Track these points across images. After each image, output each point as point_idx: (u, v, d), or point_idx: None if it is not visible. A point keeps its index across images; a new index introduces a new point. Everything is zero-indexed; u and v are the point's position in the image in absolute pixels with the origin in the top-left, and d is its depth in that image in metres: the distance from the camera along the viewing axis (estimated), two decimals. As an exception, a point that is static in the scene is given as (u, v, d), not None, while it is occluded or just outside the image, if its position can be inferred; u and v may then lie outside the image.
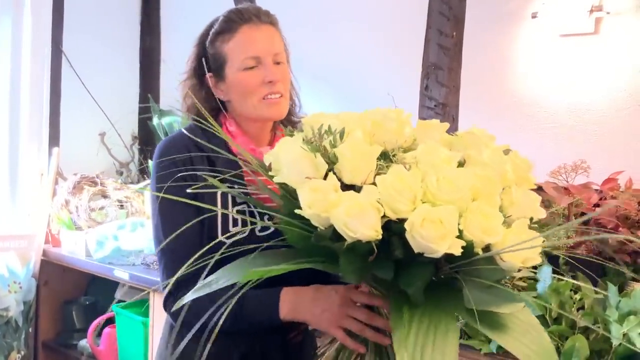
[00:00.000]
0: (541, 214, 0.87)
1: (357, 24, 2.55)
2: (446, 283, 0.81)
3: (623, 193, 1.74)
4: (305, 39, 1.36)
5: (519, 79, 2.12)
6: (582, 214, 1.72)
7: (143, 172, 3.28)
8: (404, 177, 0.76)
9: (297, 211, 0.79)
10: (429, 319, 0.76)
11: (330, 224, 0.77)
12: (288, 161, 0.83)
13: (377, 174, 0.80)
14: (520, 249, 0.75)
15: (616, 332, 1.38)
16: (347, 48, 2.57)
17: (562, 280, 1.53)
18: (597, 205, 1.70)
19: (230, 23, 1.21)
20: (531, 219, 0.87)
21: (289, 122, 1.34)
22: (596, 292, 1.55)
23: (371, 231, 0.74)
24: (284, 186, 0.85)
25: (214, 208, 1.17)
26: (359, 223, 0.74)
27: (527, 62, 2.09)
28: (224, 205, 1.19)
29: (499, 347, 1.48)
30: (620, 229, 1.65)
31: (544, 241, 0.81)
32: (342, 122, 0.85)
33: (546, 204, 1.81)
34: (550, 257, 1.62)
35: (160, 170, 1.21)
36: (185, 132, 1.26)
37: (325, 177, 0.81)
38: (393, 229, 0.76)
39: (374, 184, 0.79)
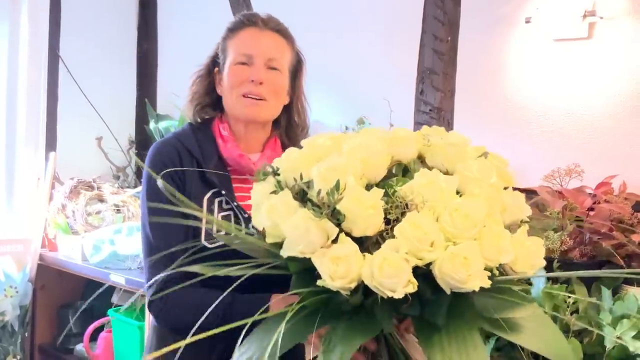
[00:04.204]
0: (527, 211, 0.87)
1: (353, 29, 2.56)
2: (456, 295, 0.81)
3: (617, 197, 1.75)
4: (301, 43, 1.38)
5: (513, 84, 2.13)
6: (577, 218, 1.73)
7: (140, 176, 3.28)
8: (421, 224, 0.75)
9: (319, 283, 0.76)
10: (455, 338, 0.77)
11: (355, 287, 0.76)
12: (293, 234, 0.78)
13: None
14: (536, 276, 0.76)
15: (609, 335, 1.39)
16: (342, 53, 2.58)
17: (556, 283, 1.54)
18: (591, 209, 1.70)
19: (239, 23, 1.29)
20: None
21: (288, 137, 1.36)
22: (590, 296, 1.56)
23: (409, 286, 0.73)
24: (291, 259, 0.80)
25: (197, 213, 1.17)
26: (396, 281, 0.73)
27: (521, 67, 2.10)
28: (210, 210, 1.21)
29: (493, 350, 1.48)
30: (614, 232, 1.65)
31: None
32: (329, 169, 0.79)
33: (540, 207, 1.82)
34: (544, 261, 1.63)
35: (149, 172, 1.24)
36: (176, 135, 1.30)
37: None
38: (418, 272, 0.76)
39: (385, 231, 0.77)
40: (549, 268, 1.60)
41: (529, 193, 1.83)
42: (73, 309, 2.89)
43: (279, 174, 0.87)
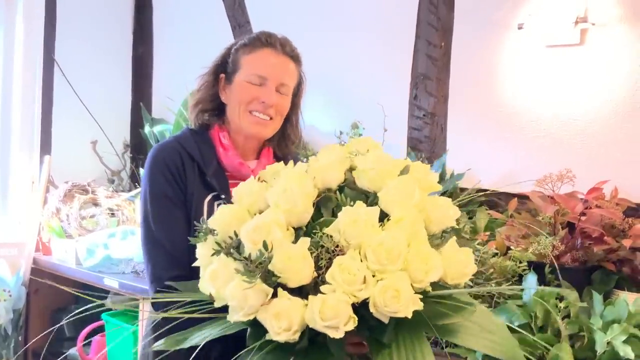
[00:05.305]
0: (455, 215, 0.89)
1: (347, 34, 2.57)
2: None
3: (608, 202, 1.76)
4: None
5: (505, 89, 2.14)
6: (568, 223, 1.74)
7: (134, 180, 3.28)
8: (348, 266, 0.79)
9: (267, 337, 0.79)
10: (404, 347, 0.81)
11: (303, 334, 0.79)
12: (233, 302, 0.81)
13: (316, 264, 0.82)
14: (473, 291, 0.79)
15: (600, 340, 1.39)
16: (336, 57, 2.59)
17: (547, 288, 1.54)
18: (582, 214, 1.71)
19: (257, 41, 1.32)
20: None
21: (279, 147, 1.42)
22: (581, 300, 1.56)
23: (350, 322, 0.78)
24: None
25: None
26: (337, 321, 0.77)
27: (514, 73, 2.11)
28: (210, 213, 1.24)
29: (485, 356, 1.49)
30: (605, 237, 1.66)
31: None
32: (255, 229, 0.82)
33: (532, 212, 1.83)
34: (536, 266, 1.64)
35: (152, 172, 1.28)
36: (177, 139, 1.34)
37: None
38: (359, 304, 0.80)
39: (319, 277, 0.80)
40: (540, 273, 1.61)
41: (521, 198, 1.84)
42: (67, 313, 2.88)
43: (216, 234, 0.89)
